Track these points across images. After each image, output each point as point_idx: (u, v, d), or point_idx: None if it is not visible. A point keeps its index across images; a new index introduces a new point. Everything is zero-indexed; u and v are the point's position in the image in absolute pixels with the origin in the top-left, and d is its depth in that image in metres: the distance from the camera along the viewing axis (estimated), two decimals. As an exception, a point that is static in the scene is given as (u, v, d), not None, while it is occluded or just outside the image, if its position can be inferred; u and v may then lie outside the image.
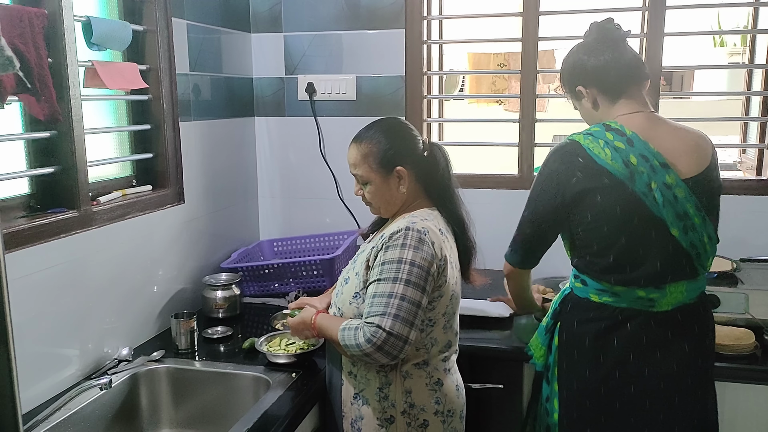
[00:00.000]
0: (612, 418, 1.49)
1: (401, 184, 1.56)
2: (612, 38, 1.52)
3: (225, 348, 1.94)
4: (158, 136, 2.06)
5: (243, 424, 1.47)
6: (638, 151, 1.43)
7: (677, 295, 1.47)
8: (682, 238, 1.43)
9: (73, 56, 1.65)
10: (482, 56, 5.58)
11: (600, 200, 1.44)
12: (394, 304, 1.41)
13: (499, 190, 2.52)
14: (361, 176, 1.58)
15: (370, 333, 1.40)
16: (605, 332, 1.49)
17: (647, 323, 1.47)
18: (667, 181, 1.42)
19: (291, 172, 2.73)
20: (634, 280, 1.46)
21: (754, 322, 1.92)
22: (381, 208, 1.62)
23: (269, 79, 2.69)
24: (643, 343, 1.47)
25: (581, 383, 1.52)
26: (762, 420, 1.79)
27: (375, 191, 1.58)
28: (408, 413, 1.51)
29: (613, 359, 1.48)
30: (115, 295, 1.84)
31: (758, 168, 2.40)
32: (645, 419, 1.48)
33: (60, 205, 1.68)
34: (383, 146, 1.56)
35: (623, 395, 1.48)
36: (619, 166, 1.42)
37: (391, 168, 1.55)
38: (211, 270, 2.33)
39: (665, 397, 1.47)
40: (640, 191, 1.41)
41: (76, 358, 1.70)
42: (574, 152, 1.47)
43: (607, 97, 1.53)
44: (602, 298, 1.50)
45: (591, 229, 1.47)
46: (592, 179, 1.44)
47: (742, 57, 3.67)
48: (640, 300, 1.47)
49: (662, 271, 1.45)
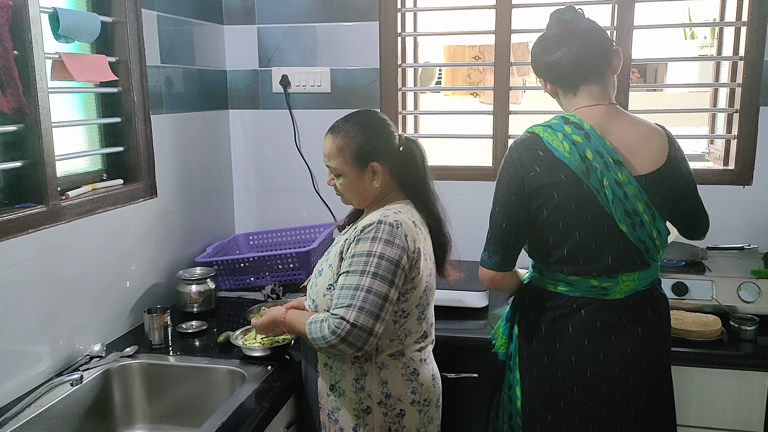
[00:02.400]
0: (571, 402, 1.53)
1: (375, 179, 1.56)
2: (569, 30, 1.50)
3: (200, 342, 1.94)
4: (129, 130, 2.03)
5: (218, 418, 1.46)
6: (594, 146, 1.45)
7: (630, 283, 1.50)
8: (630, 234, 1.46)
9: (39, 48, 1.62)
10: (457, 49, 5.60)
11: (556, 197, 1.46)
12: (359, 296, 1.41)
13: (474, 182, 2.53)
14: (334, 168, 1.58)
15: (334, 324, 1.41)
16: (560, 319, 1.52)
17: (601, 309, 1.50)
18: (619, 178, 1.44)
19: (266, 165, 2.72)
20: (587, 272, 1.49)
21: (720, 309, 1.97)
22: (353, 200, 1.62)
23: (243, 72, 2.67)
24: (597, 328, 1.50)
25: (540, 369, 1.55)
26: (729, 404, 1.83)
27: (348, 184, 1.58)
28: (384, 403, 1.53)
29: (568, 345, 1.51)
30: (86, 290, 1.82)
31: (725, 158, 2.45)
32: (602, 402, 1.51)
33: (28, 199, 1.65)
34: (359, 141, 1.55)
35: (580, 379, 1.51)
36: (575, 161, 1.44)
37: (365, 163, 1.55)
38: (185, 265, 2.32)
39: (621, 380, 1.51)
40: (593, 187, 1.44)
41: (47, 354, 1.67)
42: (534, 145, 1.49)
43: (564, 90, 1.55)
44: (557, 288, 1.53)
45: (546, 223, 1.49)
46: (550, 174, 1.45)
47: (711, 50, 3.74)
48: (594, 289, 1.50)
49: (614, 264, 1.48)
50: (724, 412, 1.84)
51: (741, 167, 2.36)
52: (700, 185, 1.57)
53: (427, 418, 1.59)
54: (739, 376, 1.82)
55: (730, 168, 2.40)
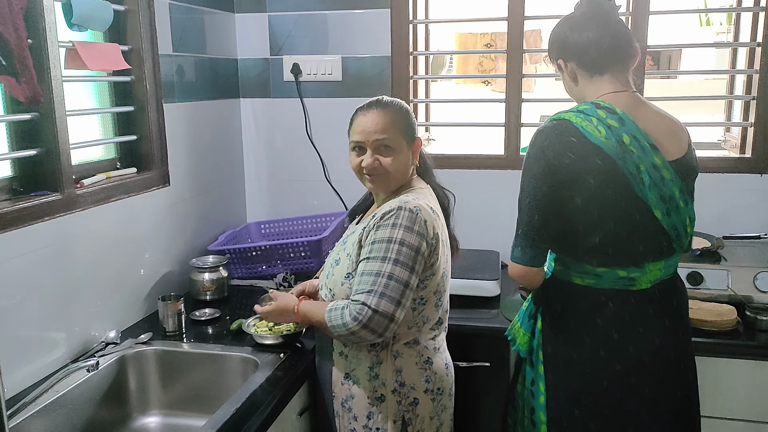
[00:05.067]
0: (599, 397, 1.50)
1: (414, 157, 1.59)
2: (601, 13, 1.50)
3: (213, 330, 1.95)
4: (142, 118, 2.04)
5: (231, 405, 1.47)
6: (629, 130, 1.42)
7: (656, 272, 1.48)
8: (664, 220, 1.44)
9: (53, 37, 1.62)
10: (469, 36, 5.56)
11: (593, 183, 1.41)
12: (381, 282, 1.41)
13: (486, 170, 2.52)
14: (389, 141, 1.52)
15: (356, 311, 1.41)
16: (588, 314, 1.49)
17: (628, 301, 1.48)
18: (655, 162, 1.41)
19: (277, 154, 2.72)
20: (615, 262, 1.46)
21: (736, 299, 1.95)
22: (394, 178, 1.56)
23: (254, 60, 2.66)
24: (625, 321, 1.48)
25: (567, 365, 1.52)
26: (743, 394, 1.82)
27: (397, 159, 1.54)
28: (398, 392, 1.53)
29: (597, 339, 1.49)
30: (101, 278, 1.83)
31: (742, 146, 2.42)
32: (631, 395, 1.49)
33: (43, 187, 1.66)
34: (407, 115, 1.58)
35: (609, 373, 1.49)
36: (612, 145, 1.40)
37: (413, 137, 1.58)
38: (198, 253, 2.33)
39: (650, 372, 1.49)
40: (628, 172, 1.40)
41: (63, 341, 1.69)
42: (566, 131, 1.43)
43: (587, 73, 1.51)
44: (585, 281, 1.50)
45: (579, 212, 1.44)
46: (585, 160, 1.41)
47: (727, 36, 3.68)
48: (621, 280, 1.47)
49: (644, 252, 1.46)
50: (739, 402, 1.83)
51: (758, 155, 2.33)
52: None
53: (441, 407, 1.59)
54: (755, 366, 1.80)
55: (747, 156, 2.37)
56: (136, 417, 1.79)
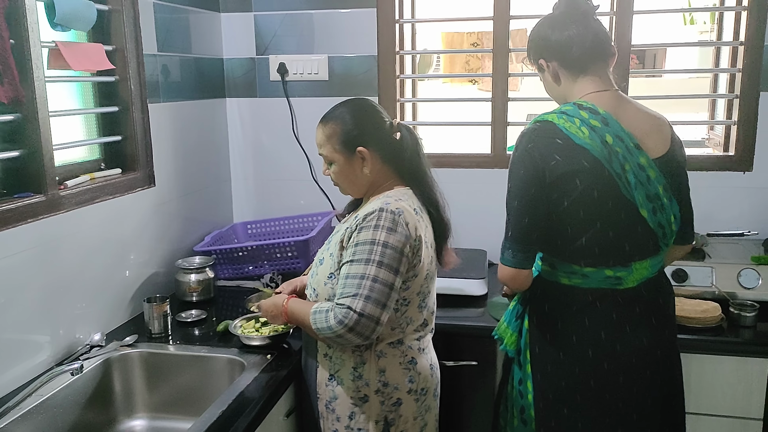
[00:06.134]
0: (588, 396, 1.51)
1: (364, 166, 1.56)
2: (580, 12, 1.50)
3: (199, 331, 1.94)
4: (126, 119, 2.02)
5: (218, 406, 1.47)
6: (613, 131, 1.42)
7: (642, 271, 1.49)
8: (651, 219, 1.44)
9: (35, 37, 1.60)
10: (456, 36, 5.57)
11: (579, 185, 1.41)
12: (366, 285, 1.41)
13: (472, 169, 2.53)
14: (325, 156, 1.59)
15: (341, 315, 1.40)
16: (576, 314, 1.50)
17: (615, 301, 1.49)
18: (641, 162, 1.42)
19: (264, 153, 2.71)
20: (602, 262, 1.47)
21: (720, 295, 1.97)
22: (347, 188, 1.62)
23: (240, 60, 2.65)
24: (613, 321, 1.48)
25: (555, 366, 1.52)
26: (728, 390, 1.84)
27: (339, 171, 1.58)
28: (381, 392, 1.53)
29: (585, 339, 1.49)
30: (85, 280, 1.81)
31: (725, 144, 2.44)
32: (619, 394, 1.50)
33: (26, 189, 1.65)
34: (347, 127, 1.55)
35: (597, 373, 1.49)
36: (597, 146, 1.40)
37: (353, 149, 1.55)
38: (184, 254, 2.32)
39: (638, 371, 1.50)
40: (615, 172, 1.40)
41: (48, 344, 1.67)
42: (551, 133, 1.44)
43: (569, 72, 1.51)
44: (572, 281, 1.50)
45: (567, 213, 1.44)
46: (572, 162, 1.41)
47: (711, 35, 3.72)
48: (608, 279, 1.48)
49: (630, 251, 1.46)
50: (724, 398, 1.85)
51: (741, 153, 2.35)
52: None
53: (424, 407, 1.59)
54: (739, 362, 1.82)
55: (731, 154, 2.39)
56: (121, 420, 1.78)
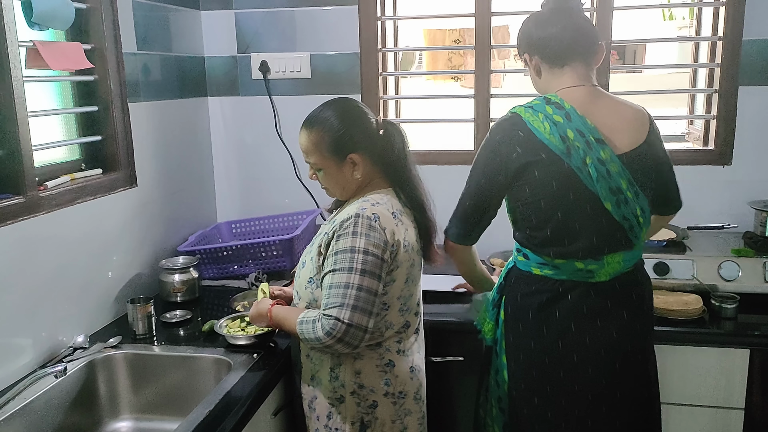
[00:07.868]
0: (557, 386, 1.54)
1: (355, 170, 1.53)
2: (565, 8, 1.54)
3: (184, 332, 1.92)
4: (107, 118, 2.00)
5: (205, 407, 1.46)
6: (575, 125, 1.46)
7: (615, 265, 1.51)
8: (615, 212, 1.47)
9: (12, 36, 1.58)
10: (438, 33, 5.58)
11: (537, 175, 1.47)
12: (351, 294, 1.40)
13: (456, 166, 2.53)
14: (313, 164, 1.56)
15: (329, 326, 1.39)
16: (547, 304, 1.53)
17: (587, 293, 1.51)
18: (602, 156, 1.45)
19: (247, 152, 2.70)
20: (572, 253, 1.50)
21: (701, 288, 1.99)
22: (336, 192, 1.60)
23: (221, 58, 2.63)
24: (583, 313, 1.51)
25: (527, 355, 1.56)
26: (710, 381, 1.86)
27: (329, 178, 1.56)
28: (357, 393, 1.52)
29: (555, 330, 1.52)
30: (68, 281, 1.79)
31: (705, 138, 2.48)
32: (589, 385, 1.53)
33: (5, 191, 1.62)
34: (335, 133, 1.51)
35: (567, 364, 1.52)
36: (556, 141, 1.45)
37: (344, 155, 1.52)
38: (167, 254, 2.30)
39: (607, 364, 1.52)
40: (575, 166, 1.44)
41: (30, 347, 1.65)
42: (516, 125, 1.50)
43: (549, 67, 1.55)
44: (543, 271, 1.53)
45: (529, 203, 1.50)
46: (531, 153, 1.47)
47: (690, 30, 3.76)
48: (580, 272, 1.50)
49: (598, 243, 1.49)
50: (706, 389, 1.87)
51: (721, 147, 2.39)
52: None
53: (403, 411, 1.56)
54: (721, 353, 1.85)
55: (710, 148, 2.42)
56: (107, 422, 1.76)
